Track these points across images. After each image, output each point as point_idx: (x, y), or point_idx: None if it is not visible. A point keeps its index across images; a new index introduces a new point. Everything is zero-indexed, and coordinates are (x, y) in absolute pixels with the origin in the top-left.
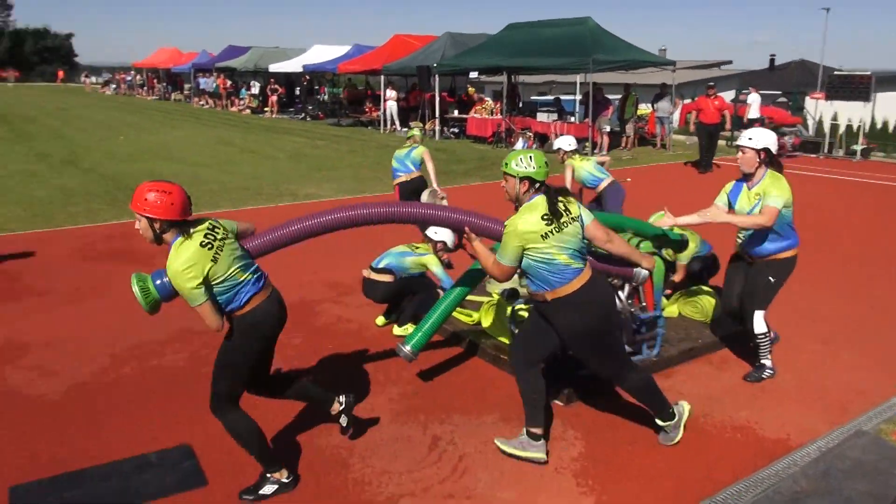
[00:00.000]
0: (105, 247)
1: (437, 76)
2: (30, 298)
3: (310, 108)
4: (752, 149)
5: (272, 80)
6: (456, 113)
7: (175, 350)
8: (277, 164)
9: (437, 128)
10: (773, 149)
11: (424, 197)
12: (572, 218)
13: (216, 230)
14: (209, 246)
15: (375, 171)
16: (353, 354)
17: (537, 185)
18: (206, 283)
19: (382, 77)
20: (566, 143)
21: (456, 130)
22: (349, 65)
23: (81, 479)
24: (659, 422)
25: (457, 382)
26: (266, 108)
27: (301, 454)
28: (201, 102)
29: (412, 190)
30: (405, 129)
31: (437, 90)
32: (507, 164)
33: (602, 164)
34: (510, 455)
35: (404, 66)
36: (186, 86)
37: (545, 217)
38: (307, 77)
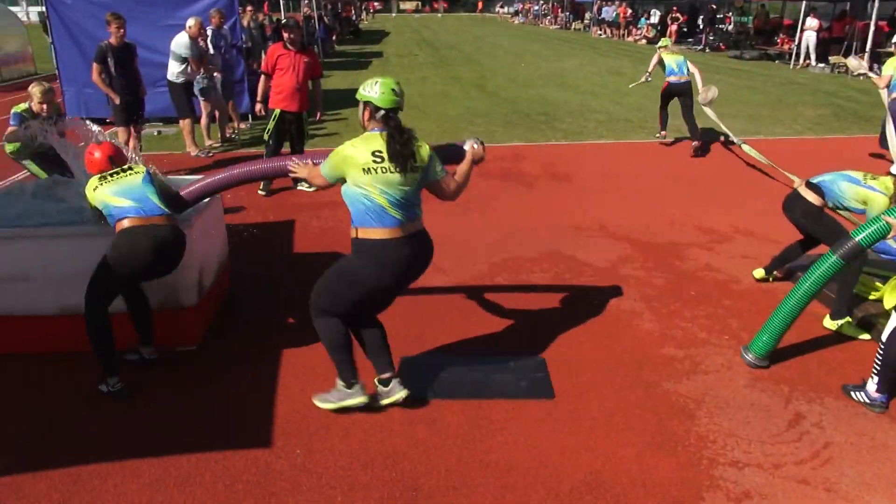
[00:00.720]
0: (496, 166)
1: (876, 0)
2: (432, 203)
3: (711, 38)
4: None
5: (675, 7)
6: (894, 47)
7: (542, 269)
8: None
9: (866, 63)
10: None
11: (703, 94)
12: (414, 166)
13: (127, 171)
14: (103, 180)
15: (775, 109)
16: (716, 305)
17: (380, 113)
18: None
19: (804, 3)
20: None
21: None
22: None
23: (453, 364)
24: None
25: (837, 360)
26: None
27: (647, 397)
28: (599, 32)
29: (681, 90)
30: (822, 65)
31: (874, 18)
32: (359, 88)
33: None
34: (331, 410)
35: None
36: (587, 15)
37: (377, 154)
38: (713, 5)
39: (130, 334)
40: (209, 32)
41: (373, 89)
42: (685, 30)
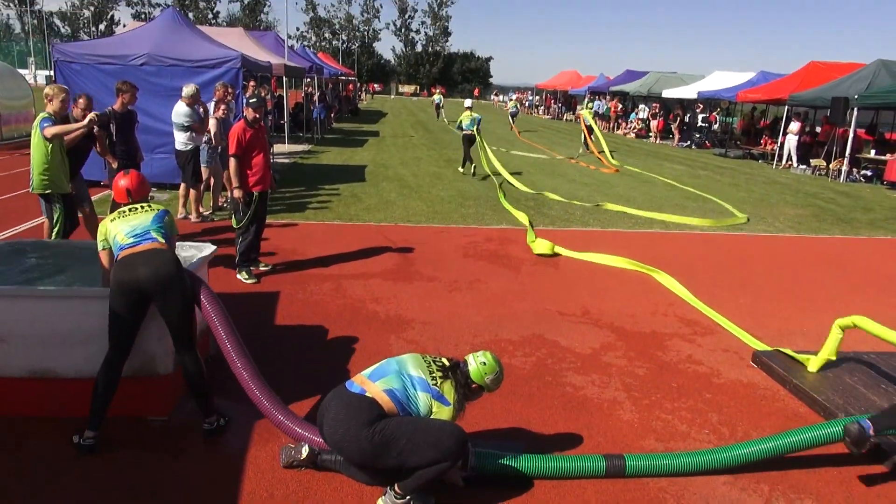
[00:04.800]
0: (484, 248)
1: (855, 109)
2: (419, 282)
3: (696, 136)
4: None
5: (656, 105)
6: (873, 153)
7: (525, 353)
8: (652, 190)
9: (845, 168)
10: None
11: None
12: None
13: (144, 208)
14: (120, 215)
15: (757, 207)
16: (697, 398)
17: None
18: (105, 239)
19: (786, 108)
20: None
21: (868, 173)
22: (750, 93)
23: None
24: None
25: (818, 460)
26: (650, 133)
27: (626, 489)
28: None
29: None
30: (804, 167)
31: (852, 126)
32: None
33: None
34: None
35: (816, 96)
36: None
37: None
38: (700, 104)
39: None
40: (210, 106)
41: None
42: (670, 126)
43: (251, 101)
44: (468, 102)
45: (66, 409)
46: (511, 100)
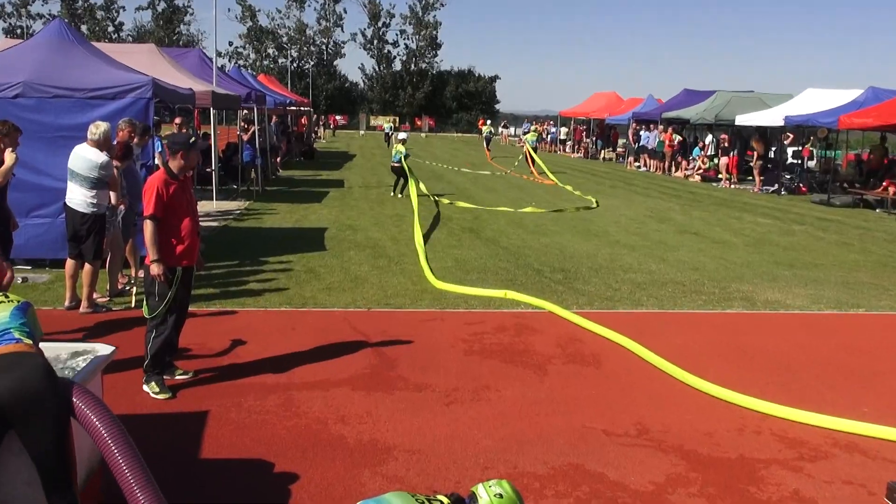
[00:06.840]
0: (494, 339)
1: None
2: (403, 392)
3: (787, 178)
4: None
5: (724, 136)
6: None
7: (558, 493)
8: (729, 254)
9: None
10: None
11: None
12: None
13: None
14: None
15: (878, 275)
16: None
17: None
18: None
19: None
20: None
21: None
22: (856, 116)
23: None
24: None
25: None
26: (720, 175)
27: None
28: (637, 164)
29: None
30: None
31: None
32: None
33: None
34: None
35: None
36: (620, 141)
37: None
38: (789, 134)
39: None
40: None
41: None
42: (749, 165)
43: (192, 141)
44: (402, 136)
45: None
46: (486, 125)
